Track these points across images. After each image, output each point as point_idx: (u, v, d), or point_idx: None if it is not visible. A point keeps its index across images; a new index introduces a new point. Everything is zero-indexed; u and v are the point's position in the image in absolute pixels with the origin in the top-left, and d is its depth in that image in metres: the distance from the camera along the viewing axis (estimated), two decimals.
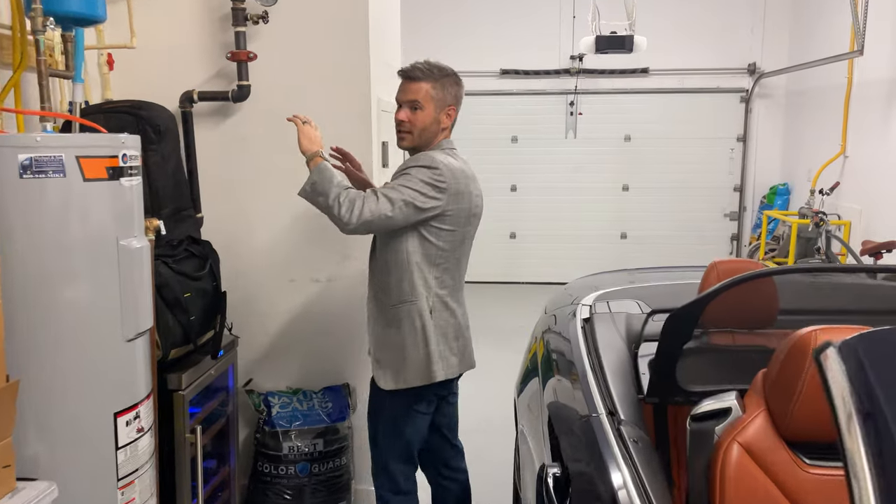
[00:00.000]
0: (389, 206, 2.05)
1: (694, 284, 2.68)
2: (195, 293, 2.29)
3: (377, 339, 2.26)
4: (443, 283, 2.23)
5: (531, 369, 2.45)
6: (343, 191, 2.06)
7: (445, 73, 2.23)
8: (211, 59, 2.84)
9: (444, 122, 2.25)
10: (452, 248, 2.22)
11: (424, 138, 2.22)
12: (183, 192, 2.55)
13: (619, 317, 2.20)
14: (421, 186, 2.09)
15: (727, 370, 1.79)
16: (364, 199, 2.05)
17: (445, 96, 2.22)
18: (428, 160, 2.13)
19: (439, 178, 2.11)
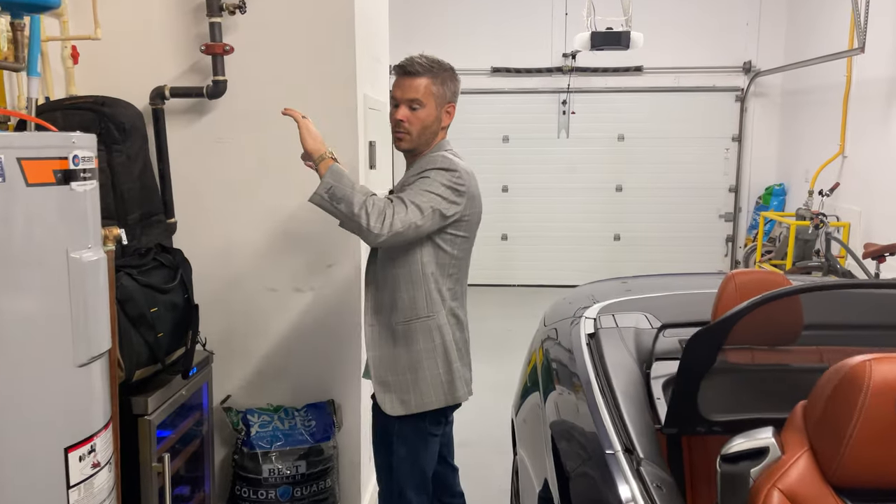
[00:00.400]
0: (419, 214, 1.87)
1: (703, 295, 2.51)
2: (164, 307, 2.09)
3: (382, 360, 2.05)
4: (455, 294, 2.08)
5: (530, 386, 2.27)
6: (368, 197, 1.86)
7: (445, 68, 2.05)
8: (184, 53, 2.64)
9: (445, 120, 2.07)
10: (464, 255, 2.07)
11: (424, 139, 2.03)
12: (152, 195, 2.34)
13: (626, 332, 2.03)
14: (443, 191, 1.92)
15: (752, 395, 1.62)
16: (393, 207, 1.86)
17: (446, 92, 2.03)
18: (446, 162, 1.96)
19: (459, 182, 1.95)
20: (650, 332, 2.02)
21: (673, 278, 3.22)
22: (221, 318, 2.76)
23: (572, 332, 2.16)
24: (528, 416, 2.22)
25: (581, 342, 2.02)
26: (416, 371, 2.01)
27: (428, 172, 1.94)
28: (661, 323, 2.08)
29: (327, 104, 2.64)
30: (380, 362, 2.05)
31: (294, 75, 2.64)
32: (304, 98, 2.64)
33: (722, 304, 1.85)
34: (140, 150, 2.26)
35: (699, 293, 2.50)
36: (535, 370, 2.31)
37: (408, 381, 2.01)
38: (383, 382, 2.05)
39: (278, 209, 2.72)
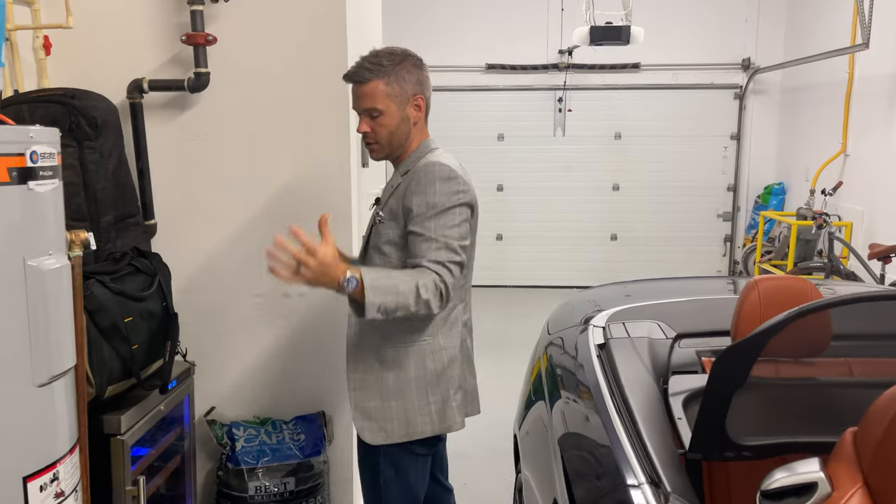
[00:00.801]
0: (458, 262, 1.73)
1: (715, 301, 2.38)
2: (139, 316, 1.93)
3: (364, 384, 1.85)
4: (466, 305, 1.94)
5: (534, 398, 2.12)
6: (414, 289, 1.65)
7: (397, 60, 1.81)
8: (163, 43, 2.48)
9: (414, 115, 1.85)
10: (470, 258, 1.90)
11: (397, 142, 1.85)
12: (127, 195, 2.18)
13: (639, 343, 1.88)
14: (457, 209, 1.75)
15: (783, 414, 1.48)
16: (439, 275, 1.69)
17: (405, 88, 1.81)
18: (443, 171, 1.76)
19: (462, 188, 1.78)
20: (665, 343, 1.88)
21: (673, 282, 3.08)
22: (204, 326, 2.60)
23: (580, 342, 2.02)
24: (532, 430, 2.07)
25: (591, 353, 1.88)
26: (404, 399, 1.81)
27: (428, 191, 1.73)
28: (676, 333, 1.94)
29: (317, 98, 2.48)
30: (361, 386, 1.85)
31: (281, 68, 2.48)
32: (291, 92, 2.49)
33: (744, 313, 1.71)
34: (114, 147, 2.10)
35: (711, 299, 2.37)
36: (540, 380, 2.17)
37: (391, 410, 1.82)
38: (363, 409, 1.84)
39: (265, 209, 2.57)
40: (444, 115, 7.39)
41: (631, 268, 7.51)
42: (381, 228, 1.83)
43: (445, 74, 7.11)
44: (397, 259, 1.81)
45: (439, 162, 1.78)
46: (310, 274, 1.61)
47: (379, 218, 1.84)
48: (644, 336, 1.92)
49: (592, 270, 7.56)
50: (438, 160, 1.79)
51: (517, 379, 2.55)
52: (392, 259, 1.81)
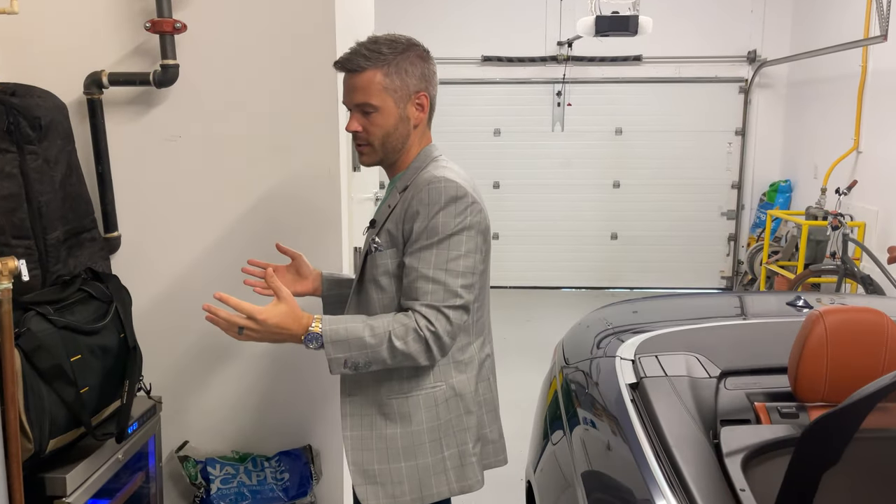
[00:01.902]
0: (458, 305, 1.44)
1: (755, 327, 2.11)
2: (90, 353, 1.63)
3: (364, 443, 1.54)
4: (485, 341, 1.64)
5: (553, 441, 1.85)
6: (385, 340, 1.40)
7: (400, 49, 1.53)
8: (125, 31, 2.17)
9: (415, 116, 1.56)
10: (484, 285, 1.61)
11: (392, 146, 1.55)
12: (80, 207, 1.88)
13: (679, 383, 1.61)
14: (463, 235, 1.46)
15: (878, 490, 1.20)
16: (429, 321, 1.41)
17: (407, 82, 1.53)
18: (450, 189, 1.45)
19: (471, 209, 1.48)
20: (709, 384, 1.61)
21: (685, 300, 2.77)
22: (176, 350, 2.31)
23: (607, 379, 1.74)
24: (550, 483, 1.80)
25: (623, 396, 1.60)
26: (415, 457, 1.52)
27: (433, 219, 1.44)
28: (720, 369, 1.66)
29: (302, 94, 2.19)
30: (360, 446, 1.54)
31: (262, 60, 2.18)
32: (272, 87, 2.19)
33: (809, 351, 1.44)
34: (62, 152, 1.80)
35: (748, 325, 2.10)
36: (559, 419, 1.89)
37: (401, 472, 1.52)
38: (365, 472, 1.54)
39: (243, 220, 2.27)
40: (437, 110, 7.01)
41: (632, 268, 7.27)
42: (377, 258, 1.54)
43: (439, 67, 6.64)
44: (398, 293, 1.52)
45: (444, 177, 1.48)
46: (257, 336, 1.42)
47: (375, 245, 1.55)
48: (683, 374, 1.65)
49: (592, 270, 7.32)
50: (443, 175, 1.49)
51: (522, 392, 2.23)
52: (391, 293, 1.53)
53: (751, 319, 2.15)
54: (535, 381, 4.47)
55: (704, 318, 2.36)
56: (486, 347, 1.65)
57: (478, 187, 1.57)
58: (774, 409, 1.50)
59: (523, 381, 4.39)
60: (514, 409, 2.16)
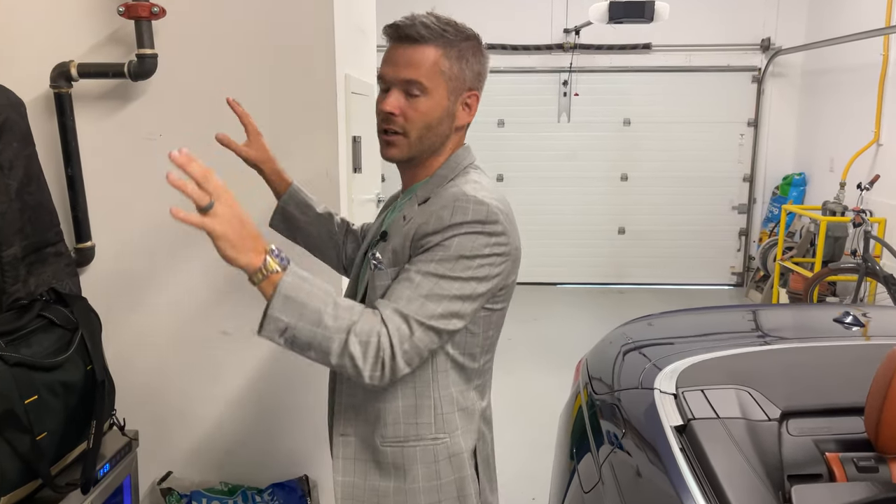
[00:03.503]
0: (431, 327, 1.15)
1: (807, 351, 1.88)
2: (49, 392, 1.41)
3: (354, 490, 1.31)
4: (482, 390, 1.38)
5: (584, 489, 1.62)
6: (343, 330, 1.10)
7: (466, 35, 1.27)
8: (96, 16, 1.93)
9: (462, 117, 1.30)
10: (499, 324, 1.34)
11: (429, 143, 1.27)
12: (42, 218, 1.65)
13: (734, 427, 1.38)
14: (478, 269, 1.19)
15: None
16: (388, 330, 1.13)
17: (465, 73, 1.26)
18: (480, 211, 1.19)
19: (501, 241, 1.21)
20: (769, 429, 1.38)
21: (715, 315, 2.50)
22: (157, 372, 2.09)
23: (647, 418, 1.51)
24: None
25: (670, 444, 1.37)
26: None
27: (453, 238, 1.17)
28: (780, 409, 1.44)
29: (297, 88, 1.96)
30: (351, 494, 1.31)
31: (251, 48, 1.95)
32: (263, 79, 1.96)
33: (894, 394, 1.22)
34: (18, 157, 1.56)
35: (800, 348, 1.87)
36: (589, 463, 1.66)
37: None
38: None
39: None
40: None
41: (639, 263, 7.05)
42: (376, 278, 1.27)
43: None
44: None
45: (475, 197, 1.20)
46: (220, 222, 1.06)
47: (374, 263, 1.28)
48: (737, 415, 1.42)
49: (599, 266, 7.10)
50: (475, 194, 1.21)
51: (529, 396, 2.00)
52: None
53: (796, 341, 1.92)
54: (542, 384, 4.25)
55: (741, 336, 2.14)
56: (485, 399, 1.38)
57: (511, 212, 1.29)
58: (850, 460, 1.28)
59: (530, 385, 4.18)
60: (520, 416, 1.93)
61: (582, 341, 5.44)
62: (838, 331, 1.99)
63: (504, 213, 1.23)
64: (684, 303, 6.48)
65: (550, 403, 4.21)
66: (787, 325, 2.22)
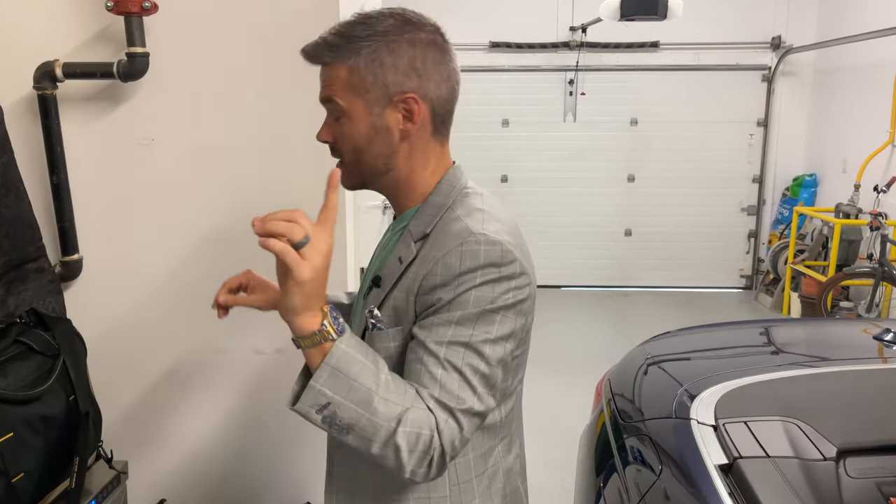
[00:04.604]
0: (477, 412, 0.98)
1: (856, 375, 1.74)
2: (27, 428, 1.27)
3: None
4: (510, 442, 1.19)
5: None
6: (395, 419, 0.94)
7: (382, 31, 1.03)
8: (83, 12, 1.79)
9: (399, 125, 1.06)
10: (519, 369, 1.15)
11: (368, 167, 1.09)
12: (21, 233, 1.51)
13: (787, 467, 1.25)
14: (501, 314, 1.00)
15: None
16: (439, 432, 0.95)
17: (383, 77, 1.04)
18: (493, 252, 1.00)
19: (521, 283, 1.03)
20: (826, 470, 1.24)
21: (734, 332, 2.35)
22: (150, 392, 1.95)
23: (684, 453, 1.38)
24: None
25: (716, 488, 1.24)
26: None
27: (466, 292, 0.99)
28: (835, 446, 1.30)
29: (300, 90, 1.81)
30: None
31: (250, 47, 1.80)
32: (263, 80, 1.82)
33: None
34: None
35: (845, 372, 1.73)
36: (617, 496, 1.53)
37: None
38: None
39: (229, 237, 1.90)
40: None
41: (646, 266, 6.92)
42: (376, 339, 1.07)
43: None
44: None
45: (485, 234, 1.01)
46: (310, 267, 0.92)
47: (373, 322, 1.08)
48: (789, 454, 1.28)
49: (605, 268, 6.97)
50: (483, 229, 1.01)
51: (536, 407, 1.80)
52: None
53: (838, 363, 1.78)
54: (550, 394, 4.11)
55: (775, 355, 2.01)
56: (511, 452, 1.20)
57: (521, 238, 1.11)
58: None
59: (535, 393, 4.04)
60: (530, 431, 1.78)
61: (588, 346, 5.36)
62: (883, 351, 1.86)
63: (518, 247, 1.05)
64: (692, 306, 6.36)
65: (557, 412, 4.09)
66: (822, 344, 2.08)
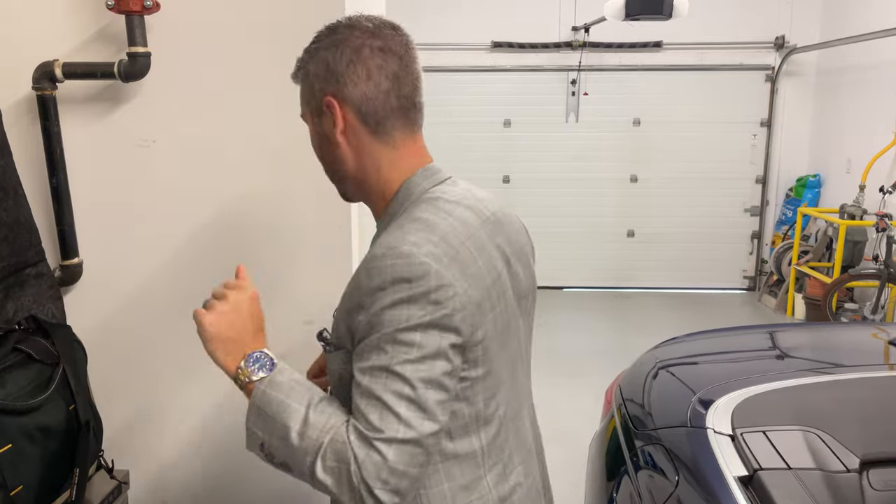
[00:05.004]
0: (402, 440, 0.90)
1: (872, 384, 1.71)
2: (26, 439, 1.23)
3: None
4: (503, 467, 1.08)
5: None
6: (314, 451, 0.92)
7: (314, 44, 1.09)
8: (83, 11, 1.76)
9: (330, 131, 1.06)
10: (495, 387, 1.05)
11: (330, 175, 1.13)
12: (20, 237, 1.48)
13: (810, 479, 1.21)
14: (423, 346, 0.92)
15: None
16: (359, 466, 0.88)
17: (312, 85, 1.07)
18: (401, 269, 0.93)
19: (439, 297, 0.93)
20: (850, 482, 1.21)
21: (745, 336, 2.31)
22: (151, 398, 1.91)
23: (701, 464, 1.34)
24: None
25: (735, 499, 1.20)
26: None
27: (379, 313, 0.93)
28: (857, 457, 1.27)
29: None
30: None
31: (255, 46, 1.77)
32: (269, 80, 1.78)
33: None
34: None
35: (863, 379, 1.69)
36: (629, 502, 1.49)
37: None
38: None
39: (233, 241, 1.87)
40: (444, 99, 6.66)
41: (649, 267, 6.89)
42: (329, 360, 1.07)
43: (446, 53, 6.40)
44: None
45: (397, 248, 0.94)
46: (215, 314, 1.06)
47: (323, 344, 1.09)
48: (811, 465, 1.25)
49: (607, 270, 6.93)
50: (400, 241, 0.95)
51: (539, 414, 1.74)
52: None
53: (855, 369, 1.75)
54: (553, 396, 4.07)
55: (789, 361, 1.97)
56: (514, 477, 1.10)
57: (470, 242, 1.01)
58: None
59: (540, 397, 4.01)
60: None
61: (591, 348, 5.32)
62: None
63: (441, 257, 0.95)
64: (695, 307, 6.32)
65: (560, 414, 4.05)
66: (834, 349, 2.05)
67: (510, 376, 1.10)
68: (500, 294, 1.04)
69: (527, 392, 1.20)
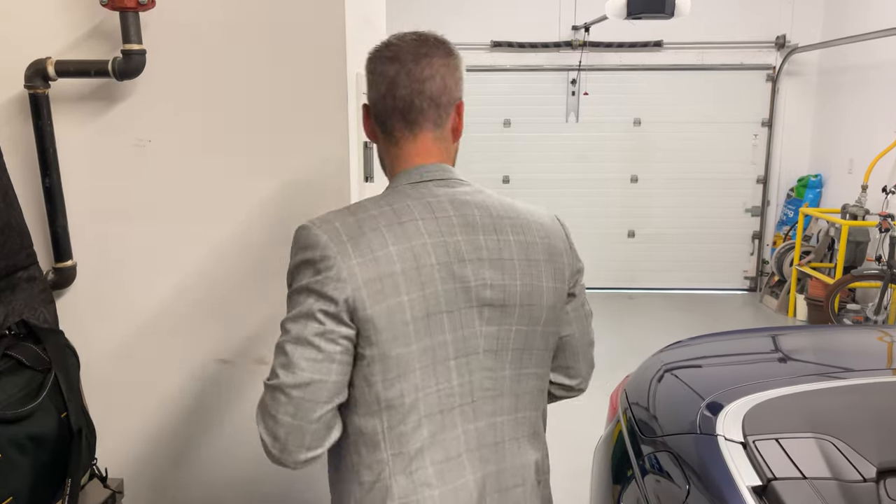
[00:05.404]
0: (274, 385, 1.01)
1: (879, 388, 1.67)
2: (15, 449, 1.19)
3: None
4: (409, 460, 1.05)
5: None
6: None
7: None
8: (77, 8, 1.72)
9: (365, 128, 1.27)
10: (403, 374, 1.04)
11: (383, 167, 1.26)
12: (11, 240, 1.44)
13: (826, 489, 1.17)
14: (302, 304, 1.02)
15: None
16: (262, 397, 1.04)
17: None
18: (300, 237, 1.08)
19: (322, 268, 1.02)
20: (867, 492, 1.17)
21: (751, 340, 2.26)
22: (147, 406, 1.87)
23: (711, 473, 1.30)
24: None
25: None
26: None
27: (288, 274, 1.09)
28: (873, 465, 1.23)
29: (303, 87, 1.74)
30: None
31: (252, 43, 1.73)
32: (265, 78, 1.74)
33: None
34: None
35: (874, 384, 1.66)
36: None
37: None
38: None
39: (231, 242, 1.83)
40: None
41: (650, 268, 6.85)
42: None
43: None
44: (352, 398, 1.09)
45: (307, 221, 1.09)
46: None
47: None
48: (826, 474, 1.21)
49: (608, 270, 6.89)
50: (319, 217, 1.10)
51: None
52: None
53: (866, 374, 1.71)
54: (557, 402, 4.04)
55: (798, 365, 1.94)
56: (419, 476, 1.06)
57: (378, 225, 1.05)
58: None
59: None
60: None
61: None
62: None
63: (339, 233, 1.04)
64: (696, 308, 6.29)
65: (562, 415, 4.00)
66: (842, 353, 2.01)
67: (429, 368, 1.05)
68: (421, 285, 1.03)
69: (482, 396, 1.10)
